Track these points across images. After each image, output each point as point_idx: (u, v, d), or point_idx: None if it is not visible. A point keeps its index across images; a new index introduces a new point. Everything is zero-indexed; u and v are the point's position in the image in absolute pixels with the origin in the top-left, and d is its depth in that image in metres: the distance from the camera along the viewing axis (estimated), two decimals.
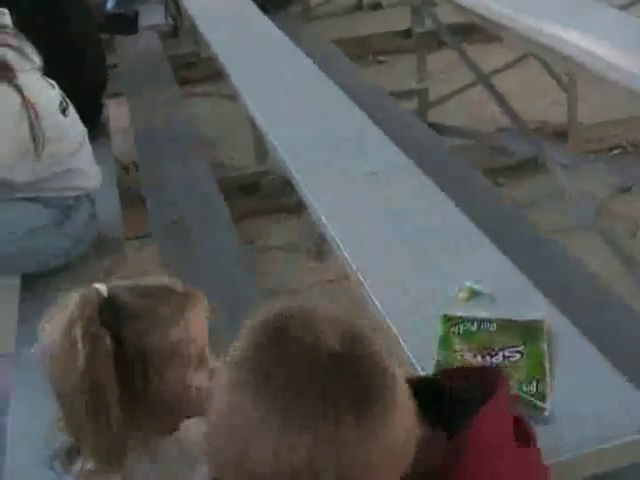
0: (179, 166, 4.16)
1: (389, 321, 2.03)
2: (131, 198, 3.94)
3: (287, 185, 3.24)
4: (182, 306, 1.44)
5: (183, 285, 1.49)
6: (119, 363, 1.36)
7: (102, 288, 1.43)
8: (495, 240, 2.33)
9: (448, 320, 1.92)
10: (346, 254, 2.38)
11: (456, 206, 2.49)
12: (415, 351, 1.88)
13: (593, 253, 3.53)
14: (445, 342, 1.87)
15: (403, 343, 1.93)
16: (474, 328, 1.88)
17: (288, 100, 3.50)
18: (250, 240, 4.18)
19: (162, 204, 3.89)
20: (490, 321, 1.89)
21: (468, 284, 2.04)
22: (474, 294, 2.02)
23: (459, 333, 1.88)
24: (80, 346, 1.33)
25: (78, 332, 1.34)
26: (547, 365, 1.78)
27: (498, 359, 1.79)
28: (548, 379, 1.75)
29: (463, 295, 2.02)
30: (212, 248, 3.59)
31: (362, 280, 2.25)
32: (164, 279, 1.50)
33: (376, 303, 2.13)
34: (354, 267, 2.31)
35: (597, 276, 2.68)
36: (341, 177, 2.77)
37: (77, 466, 1.44)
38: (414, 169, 2.79)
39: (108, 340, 1.36)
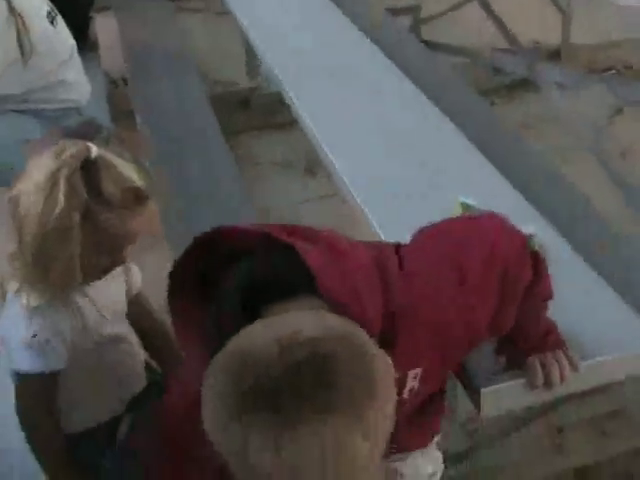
0: (169, 82, 4.09)
1: (381, 235, 2.02)
2: (121, 113, 3.89)
3: (279, 101, 3.20)
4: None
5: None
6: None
7: (93, 148, 1.58)
8: (489, 158, 2.32)
9: None
10: (338, 169, 2.37)
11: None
12: None
13: (586, 174, 3.52)
14: None
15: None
16: None
17: (281, 16, 3.45)
18: (242, 156, 4.15)
19: (152, 120, 3.84)
20: None
21: (462, 199, 2.03)
22: (467, 209, 2.01)
23: None
24: (62, 187, 1.52)
25: (63, 175, 1.53)
26: None
27: None
28: None
29: (457, 210, 2.01)
30: (204, 164, 3.56)
31: (354, 195, 2.24)
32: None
33: (369, 217, 2.13)
34: (347, 182, 2.30)
35: (589, 197, 2.67)
36: (334, 93, 2.74)
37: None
38: (409, 85, 2.77)
39: (83, 191, 1.54)
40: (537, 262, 1.50)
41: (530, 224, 1.94)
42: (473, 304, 1.35)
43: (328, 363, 1.03)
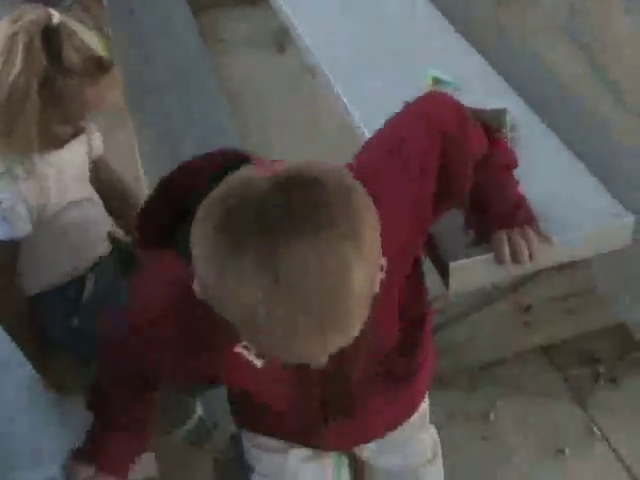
0: None
1: (352, 112, 1.99)
2: None
3: None
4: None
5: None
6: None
7: (55, 15, 1.54)
8: (465, 35, 2.27)
9: None
10: (309, 45, 2.31)
11: None
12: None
13: (561, 53, 3.46)
14: None
15: (367, 134, 1.90)
16: None
17: None
18: (210, 32, 4.05)
19: None
20: None
21: (433, 72, 1.99)
22: (439, 83, 1.97)
23: None
24: (19, 53, 1.50)
25: (21, 40, 1.50)
26: None
27: None
28: None
29: (428, 83, 1.98)
30: (171, 42, 3.48)
31: (326, 72, 2.20)
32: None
33: (339, 95, 2.09)
34: (317, 59, 2.25)
35: (563, 76, 2.63)
36: None
37: None
38: None
39: (42, 57, 1.51)
40: (489, 134, 1.49)
41: (503, 99, 1.93)
42: (417, 183, 1.34)
43: (318, 183, 1.01)
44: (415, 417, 1.67)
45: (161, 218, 1.25)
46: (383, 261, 1.28)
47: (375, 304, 1.29)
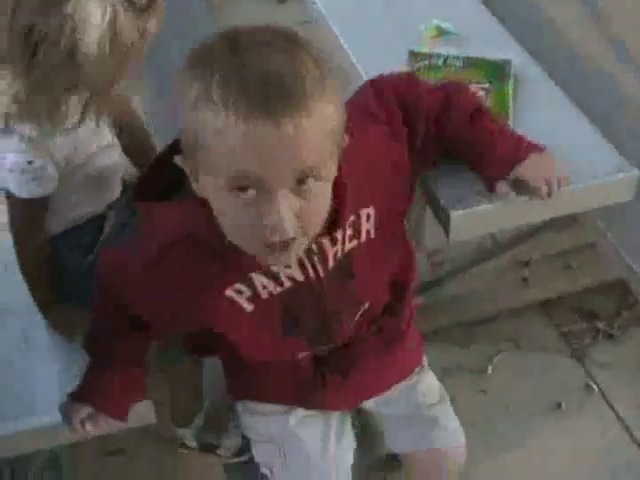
0: None
1: (355, 59, 1.96)
2: None
3: None
4: None
5: None
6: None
7: None
8: None
9: (415, 55, 1.87)
10: None
11: None
12: None
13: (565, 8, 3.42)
14: None
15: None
16: (440, 63, 1.84)
17: None
18: None
19: None
20: (458, 57, 1.85)
21: (436, 22, 1.97)
22: (442, 32, 1.95)
23: (425, 68, 1.83)
24: None
25: None
26: (511, 105, 1.75)
27: None
28: (511, 120, 1.72)
29: (431, 33, 1.95)
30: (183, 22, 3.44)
31: (328, 20, 2.17)
32: None
33: (342, 42, 2.06)
34: (320, 7, 2.22)
35: (568, 32, 2.60)
36: None
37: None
38: None
39: None
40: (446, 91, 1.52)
41: (506, 51, 1.91)
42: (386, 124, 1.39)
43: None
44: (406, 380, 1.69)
45: (157, 188, 1.27)
46: (369, 211, 1.35)
47: (366, 262, 1.32)
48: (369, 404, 1.69)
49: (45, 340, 1.81)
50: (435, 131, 1.48)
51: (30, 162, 1.56)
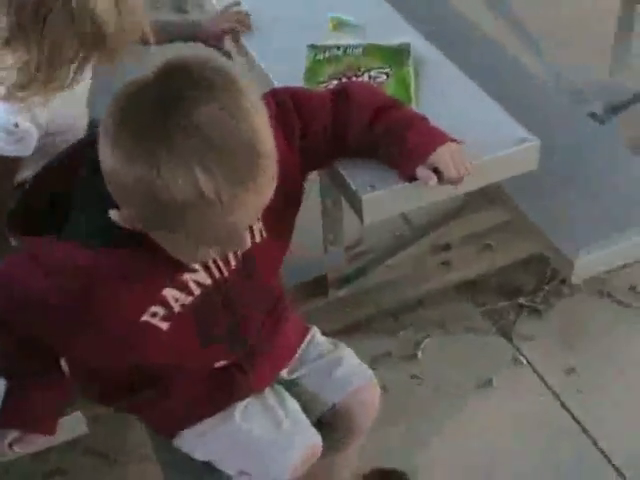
0: None
1: (260, 62, 1.97)
2: None
3: None
4: None
5: None
6: None
7: None
8: None
9: (315, 49, 1.88)
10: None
11: None
12: (282, 83, 1.84)
13: None
14: (311, 71, 1.83)
15: (271, 76, 1.90)
16: (340, 53, 1.85)
17: None
18: None
19: None
20: (357, 46, 1.86)
21: (335, 14, 1.99)
22: (342, 24, 1.97)
23: (325, 59, 1.84)
24: None
25: None
26: (413, 86, 1.77)
27: (363, 79, 1.77)
28: (414, 102, 1.74)
29: (331, 25, 1.97)
30: None
31: None
32: None
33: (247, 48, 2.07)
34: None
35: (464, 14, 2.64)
36: None
37: None
38: None
39: None
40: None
41: (404, 36, 1.93)
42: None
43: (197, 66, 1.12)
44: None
45: (38, 207, 1.28)
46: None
47: (264, 260, 1.42)
48: (287, 376, 1.72)
49: None
50: (335, 136, 1.51)
51: (16, 125, 1.70)
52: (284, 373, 1.72)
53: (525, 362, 2.38)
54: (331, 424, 1.74)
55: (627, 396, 2.28)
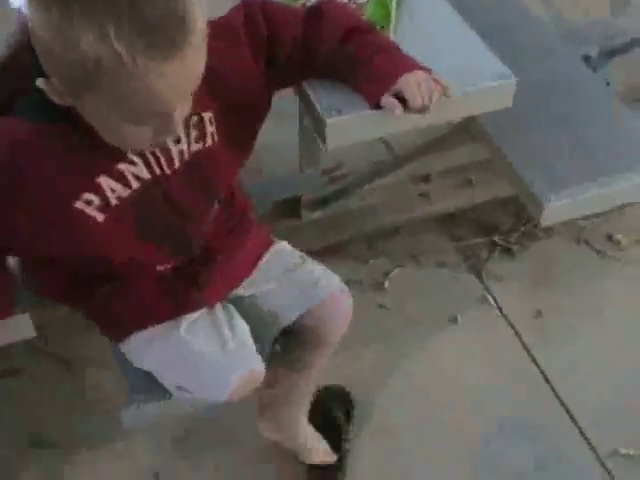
0: None
1: None
2: None
3: None
4: None
5: None
6: None
7: None
8: None
9: None
10: None
11: None
12: None
13: None
14: None
15: None
16: None
17: None
18: None
19: None
20: None
21: None
22: None
23: None
24: None
25: None
26: (394, 13, 1.71)
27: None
28: (392, 29, 1.68)
29: None
30: None
31: None
32: None
33: None
34: None
35: None
36: None
37: None
38: None
39: None
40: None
41: None
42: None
43: None
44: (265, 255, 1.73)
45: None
46: (210, 115, 1.38)
47: (213, 164, 1.41)
48: (241, 293, 1.70)
49: None
50: (304, 51, 1.48)
51: None
52: (242, 288, 1.70)
53: (492, 302, 2.36)
54: (298, 338, 1.74)
55: (591, 346, 2.27)
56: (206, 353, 1.59)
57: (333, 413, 2.10)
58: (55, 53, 1.07)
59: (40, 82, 1.14)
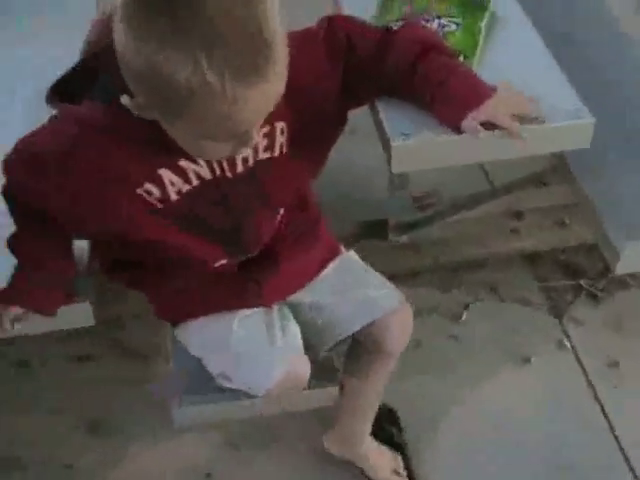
0: None
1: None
2: None
3: None
4: None
5: None
6: None
7: None
8: None
9: None
10: None
11: None
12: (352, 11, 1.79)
13: None
14: (383, 7, 1.80)
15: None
16: None
17: None
18: None
19: None
20: None
21: None
22: None
23: None
24: None
25: None
26: (481, 42, 1.70)
27: (433, 25, 1.71)
28: (477, 59, 1.68)
29: None
30: None
31: None
32: None
33: None
34: None
35: None
36: None
37: None
38: None
39: None
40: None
41: None
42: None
43: None
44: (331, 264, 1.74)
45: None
46: (282, 125, 1.39)
47: (279, 175, 1.43)
48: (301, 299, 1.72)
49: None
50: (377, 67, 1.48)
51: None
52: (302, 293, 1.72)
53: (569, 347, 2.30)
54: (360, 347, 1.77)
55: None
56: (253, 346, 1.63)
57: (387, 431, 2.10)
58: (146, 80, 1.11)
59: (125, 100, 1.18)
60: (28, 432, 2.14)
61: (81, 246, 1.64)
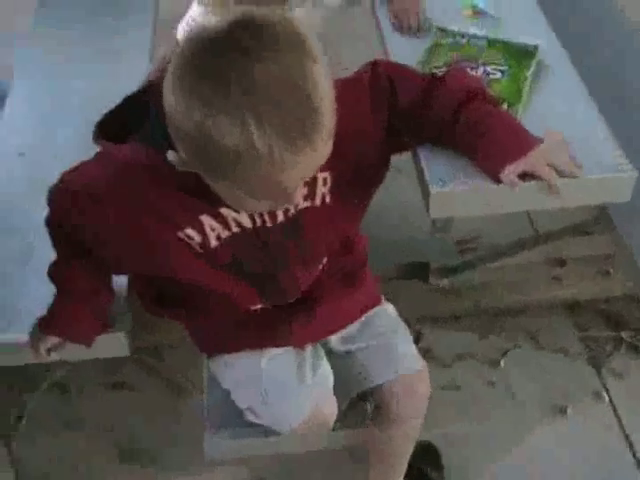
0: None
1: (383, 28, 1.95)
2: None
3: None
4: None
5: None
6: None
7: None
8: None
9: (441, 32, 1.85)
10: None
11: None
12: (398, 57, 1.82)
13: None
14: (430, 53, 1.80)
15: (388, 46, 1.90)
16: (464, 41, 1.81)
17: None
18: None
19: None
20: (482, 38, 1.81)
21: (476, 2, 1.94)
22: (477, 11, 1.92)
23: (447, 44, 1.80)
24: None
25: None
26: (526, 91, 1.70)
27: (478, 72, 1.72)
28: (521, 108, 1.68)
29: (467, 12, 1.92)
30: None
31: None
32: None
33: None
34: None
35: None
36: None
37: None
38: None
39: None
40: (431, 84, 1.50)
41: (538, 35, 1.86)
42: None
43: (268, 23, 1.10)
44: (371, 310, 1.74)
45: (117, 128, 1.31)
46: (326, 175, 1.39)
47: (318, 224, 1.43)
48: (334, 343, 1.72)
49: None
50: (420, 113, 1.48)
51: None
52: (336, 340, 1.73)
53: (607, 399, 2.27)
54: (378, 401, 1.75)
55: None
56: (282, 383, 1.64)
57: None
58: (193, 142, 1.11)
59: (171, 155, 1.18)
60: (67, 456, 2.17)
61: (120, 278, 1.66)
